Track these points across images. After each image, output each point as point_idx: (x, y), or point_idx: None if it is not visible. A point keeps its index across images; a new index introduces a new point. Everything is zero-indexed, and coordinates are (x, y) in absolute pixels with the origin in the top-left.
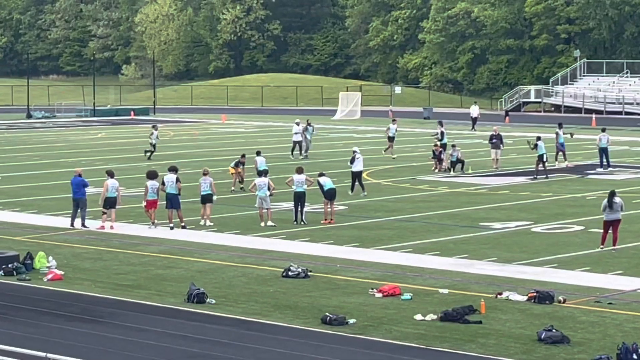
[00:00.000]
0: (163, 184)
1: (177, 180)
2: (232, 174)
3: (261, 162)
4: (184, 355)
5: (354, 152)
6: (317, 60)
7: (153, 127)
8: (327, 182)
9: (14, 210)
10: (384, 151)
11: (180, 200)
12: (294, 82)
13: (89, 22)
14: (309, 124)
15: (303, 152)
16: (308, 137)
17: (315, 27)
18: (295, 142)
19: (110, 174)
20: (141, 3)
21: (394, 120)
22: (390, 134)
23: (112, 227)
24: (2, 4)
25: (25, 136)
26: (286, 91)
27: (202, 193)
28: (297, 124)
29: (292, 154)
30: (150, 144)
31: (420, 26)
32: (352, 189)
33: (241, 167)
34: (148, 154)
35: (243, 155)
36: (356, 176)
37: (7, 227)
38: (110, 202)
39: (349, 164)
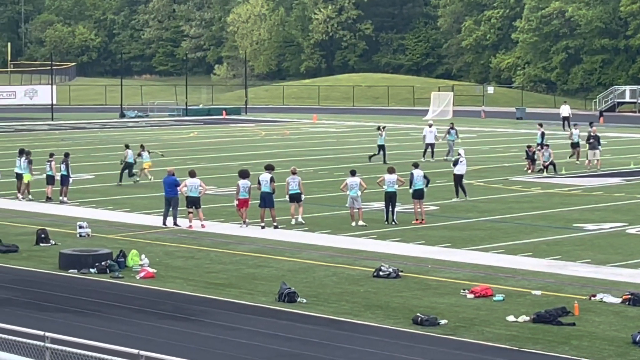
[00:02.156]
0: (259, 182)
1: (272, 179)
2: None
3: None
4: (275, 354)
5: (459, 154)
6: (408, 60)
7: (126, 146)
8: (418, 181)
9: (107, 208)
10: (569, 157)
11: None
12: (386, 82)
13: (182, 22)
14: (452, 127)
15: (448, 155)
16: (451, 139)
17: (407, 26)
18: (427, 145)
19: (192, 174)
20: (233, 3)
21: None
22: (574, 140)
23: (203, 226)
24: (96, 4)
25: (119, 135)
26: (377, 91)
27: (290, 192)
28: (430, 125)
29: (423, 156)
30: (123, 161)
31: (513, 26)
32: (457, 193)
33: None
34: (134, 177)
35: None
36: (458, 179)
37: (101, 225)
38: (192, 202)
39: (452, 165)
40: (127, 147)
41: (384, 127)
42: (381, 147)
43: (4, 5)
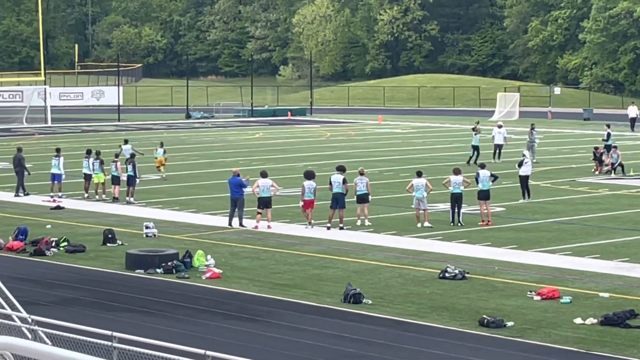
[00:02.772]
0: (330, 183)
1: (345, 181)
2: None
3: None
4: (340, 355)
5: (523, 155)
6: (474, 61)
7: (125, 141)
8: (485, 182)
9: (174, 209)
10: None
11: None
12: (451, 83)
13: (247, 24)
14: (533, 128)
15: (531, 156)
16: (533, 140)
17: (473, 27)
18: (496, 146)
19: (263, 174)
20: (299, 4)
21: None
22: None
23: (269, 227)
24: (162, 6)
25: (185, 136)
26: (443, 92)
27: (358, 193)
28: (499, 126)
29: (493, 157)
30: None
31: (580, 26)
32: (523, 195)
33: None
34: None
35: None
36: (524, 180)
37: (167, 225)
38: (264, 202)
39: (517, 166)
40: (125, 142)
41: (478, 128)
42: (475, 148)
43: (71, 7)
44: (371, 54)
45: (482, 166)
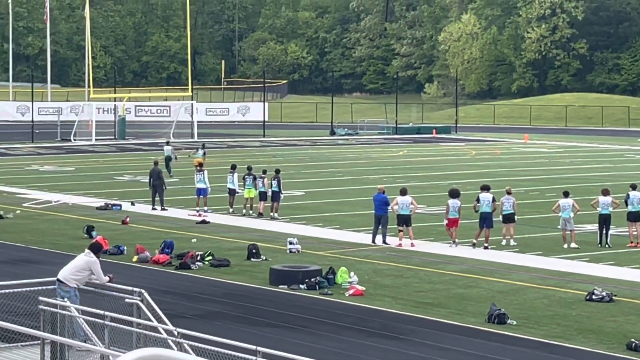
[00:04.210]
0: (478, 201)
1: (494, 199)
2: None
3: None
4: None
5: None
6: (624, 80)
7: (166, 143)
8: (635, 204)
9: (317, 225)
10: None
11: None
12: (600, 102)
13: (393, 41)
14: None
15: None
16: None
17: (623, 45)
18: None
19: (402, 192)
20: (445, 22)
21: None
22: None
23: (412, 245)
24: (308, 23)
25: (329, 152)
26: (591, 111)
27: (504, 212)
28: None
29: None
30: (167, 157)
31: None
32: None
33: None
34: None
35: None
36: None
37: (311, 241)
38: (403, 220)
39: None
40: (167, 143)
41: None
42: None
43: (218, 23)
44: (518, 72)
45: (634, 187)
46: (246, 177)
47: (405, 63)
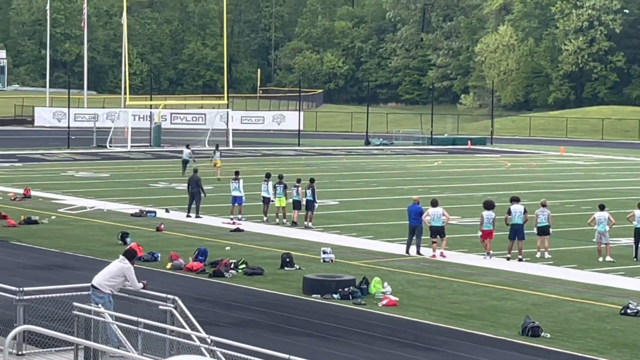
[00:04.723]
0: (509, 213)
1: (525, 211)
2: None
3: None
4: None
5: None
6: None
7: (187, 146)
8: None
9: (351, 235)
10: None
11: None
12: (637, 115)
13: (429, 51)
14: None
15: None
16: None
17: None
18: None
19: (434, 203)
20: (482, 33)
21: None
22: None
23: (442, 255)
24: (345, 32)
25: (363, 162)
26: (628, 124)
27: (539, 225)
28: None
29: None
30: (183, 160)
31: None
32: None
33: None
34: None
35: None
36: None
37: (345, 251)
38: (436, 231)
39: None
40: (187, 146)
41: None
42: None
43: (255, 32)
44: (554, 84)
45: None
46: (277, 185)
47: (441, 74)
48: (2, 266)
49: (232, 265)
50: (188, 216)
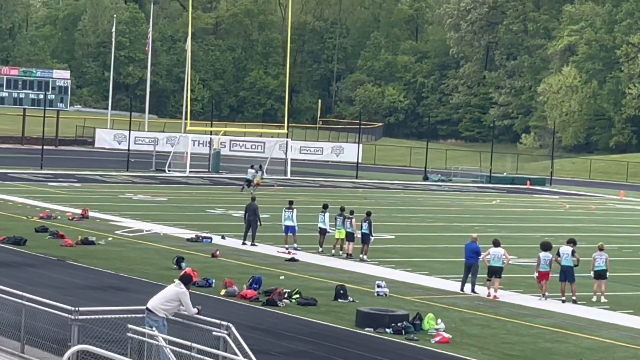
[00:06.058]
0: (558, 254)
1: (573, 252)
2: None
3: None
4: None
5: None
6: None
7: (251, 167)
8: None
9: (406, 269)
10: None
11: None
12: None
13: (491, 89)
14: None
15: None
16: None
17: None
18: None
19: (495, 243)
20: (545, 73)
21: None
22: None
23: (493, 296)
24: (407, 67)
25: (421, 198)
26: None
27: (596, 268)
28: None
29: None
30: (247, 179)
31: None
32: None
33: None
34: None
35: None
36: None
37: (399, 286)
38: (494, 271)
39: None
40: (251, 167)
41: None
42: None
43: (317, 63)
44: (617, 128)
45: None
46: (337, 217)
47: (503, 112)
48: (58, 285)
49: (285, 295)
50: (244, 244)
